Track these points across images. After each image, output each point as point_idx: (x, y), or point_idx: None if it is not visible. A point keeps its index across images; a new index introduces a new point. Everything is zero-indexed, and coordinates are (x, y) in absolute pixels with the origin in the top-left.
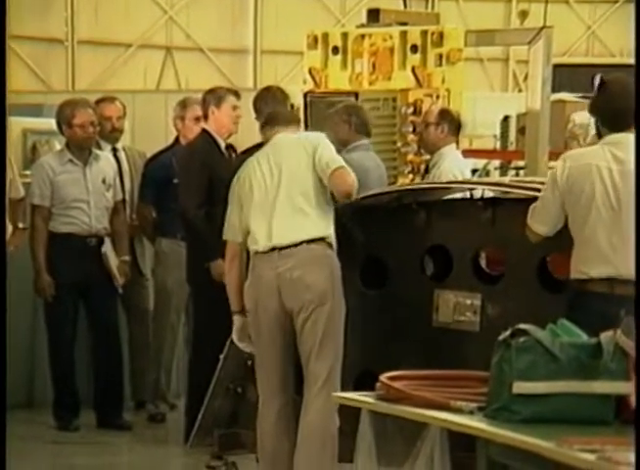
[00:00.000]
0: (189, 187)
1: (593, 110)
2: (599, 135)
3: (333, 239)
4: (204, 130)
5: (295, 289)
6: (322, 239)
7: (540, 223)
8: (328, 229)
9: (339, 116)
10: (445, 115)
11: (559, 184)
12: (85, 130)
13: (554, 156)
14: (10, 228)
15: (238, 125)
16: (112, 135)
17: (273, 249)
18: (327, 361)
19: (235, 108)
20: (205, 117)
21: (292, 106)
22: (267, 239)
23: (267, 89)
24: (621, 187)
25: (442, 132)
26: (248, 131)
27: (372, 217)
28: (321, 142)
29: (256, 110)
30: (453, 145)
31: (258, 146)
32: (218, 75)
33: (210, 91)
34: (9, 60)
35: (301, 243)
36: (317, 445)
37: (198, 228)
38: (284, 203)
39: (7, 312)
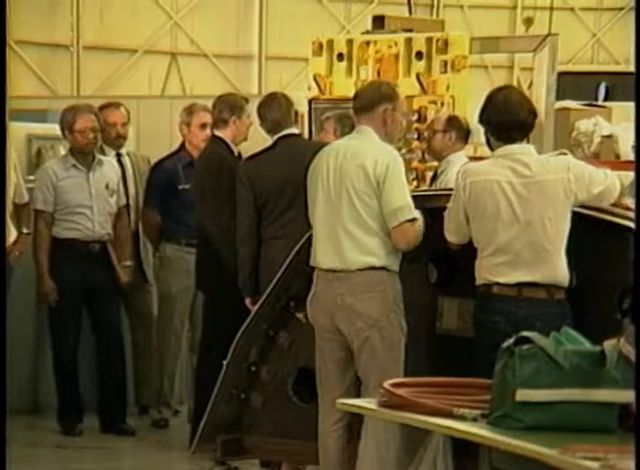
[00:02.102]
0: (217, 199)
1: (482, 121)
2: (490, 146)
3: (393, 264)
4: (217, 138)
5: (346, 315)
6: (380, 267)
7: (451, 234)
8: (388, 258)
9: (329, 124)
10: (453, 122)
11: (462, 200)
12: (85, 136)
13: None
14: (14, 234)
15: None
16: (116, 142)
17: (329, 269)
18: (375, 388)
19: (249, 115)
20: (216, 123)
21: (296, 113)
22: (325, 258)
23: (271, 96)
24: (527, 199)
25: (450, 139)
26: (251, 137)
27: None
28: (388, 175)
29: (260, 116)
30: (461, 152)
31: (263, 152)
32: (223, 81)
33: (225, 99)
34: (14, 65)
35: (357, 270)
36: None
37: (225, 239)
38: (345, 224)
39: (11, 318)
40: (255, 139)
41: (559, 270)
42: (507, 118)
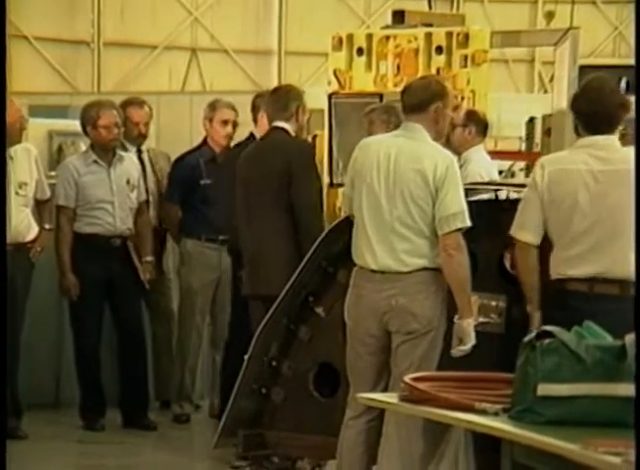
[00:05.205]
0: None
1: (573, 109)
2: (577, 134)
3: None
4: (253, 136)
5: (399, 316)
6: (431, 268)
7: (527, 231)
8: (437, 259)
9: (377, 115)
10: (473, 116)
11: (539, 190)
12: (110, 131)
13: None
14: (36, 229)
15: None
16: (137, 139)
17: (378, 270)
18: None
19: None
20: (255, 121)
21: (297, 107)
22: (372, 258)
23: (275, 88)
24: (607, 188)
25: (470, 134)
26: None
27: None
28: (447, 180)
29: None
30: (480, 146)
31: (247, 140)
32: (243, 77)
33: (260, 96)
34: (35, 61)
35: (410, 271)
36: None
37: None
38: (397, 226)
39: (33, 313)
40: None
41: (632, 264)
42: (596, 109)
